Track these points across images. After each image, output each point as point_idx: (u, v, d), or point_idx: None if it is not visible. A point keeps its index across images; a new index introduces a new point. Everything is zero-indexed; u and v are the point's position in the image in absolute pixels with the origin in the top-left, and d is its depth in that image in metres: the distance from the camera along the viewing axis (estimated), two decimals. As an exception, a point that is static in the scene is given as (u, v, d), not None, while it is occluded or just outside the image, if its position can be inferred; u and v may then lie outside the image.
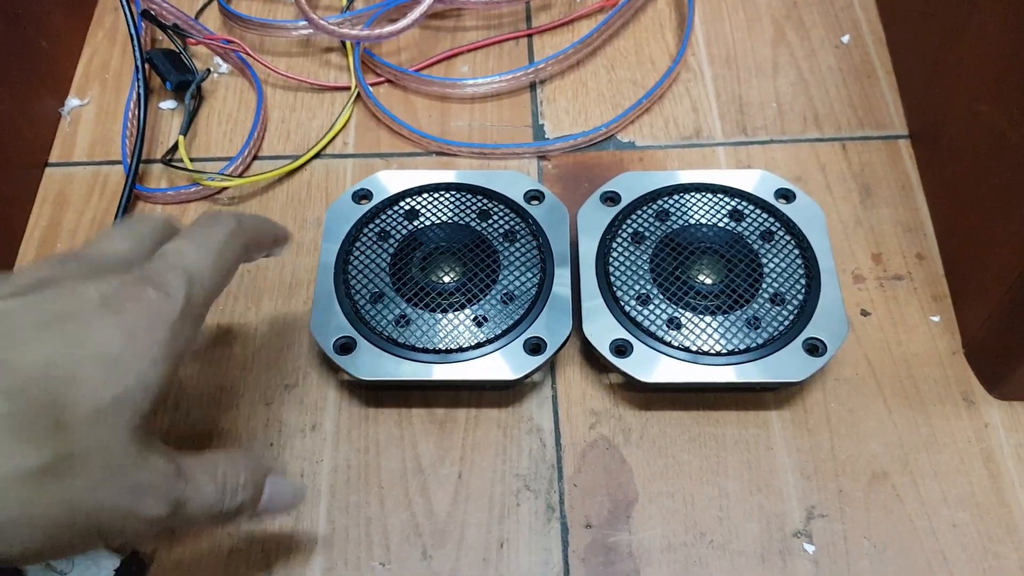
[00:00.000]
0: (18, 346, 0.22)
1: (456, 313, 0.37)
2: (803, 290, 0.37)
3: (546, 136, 0.46)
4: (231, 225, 0.29)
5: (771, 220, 0.39)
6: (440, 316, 0.37)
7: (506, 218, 0.40)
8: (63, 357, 0.22)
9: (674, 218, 0.39)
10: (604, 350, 0.36)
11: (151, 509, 0.24)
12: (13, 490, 0.21)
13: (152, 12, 0.49)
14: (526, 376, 0.35)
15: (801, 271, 0.37)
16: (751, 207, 0.39)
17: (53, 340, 0.22)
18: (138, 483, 0.23)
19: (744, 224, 0.39)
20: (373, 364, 0.35)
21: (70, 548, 0.23)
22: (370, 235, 0.39)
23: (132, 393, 0.23)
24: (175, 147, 0.45)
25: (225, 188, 0.44)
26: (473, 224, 0.40)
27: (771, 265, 0.38)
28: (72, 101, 0.49)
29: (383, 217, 0.40)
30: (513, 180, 0.41)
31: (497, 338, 0.36)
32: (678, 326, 0.36)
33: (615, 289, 0.37)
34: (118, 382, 0.23)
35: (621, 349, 0.36)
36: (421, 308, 0.37)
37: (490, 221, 0.40)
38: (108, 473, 0.23)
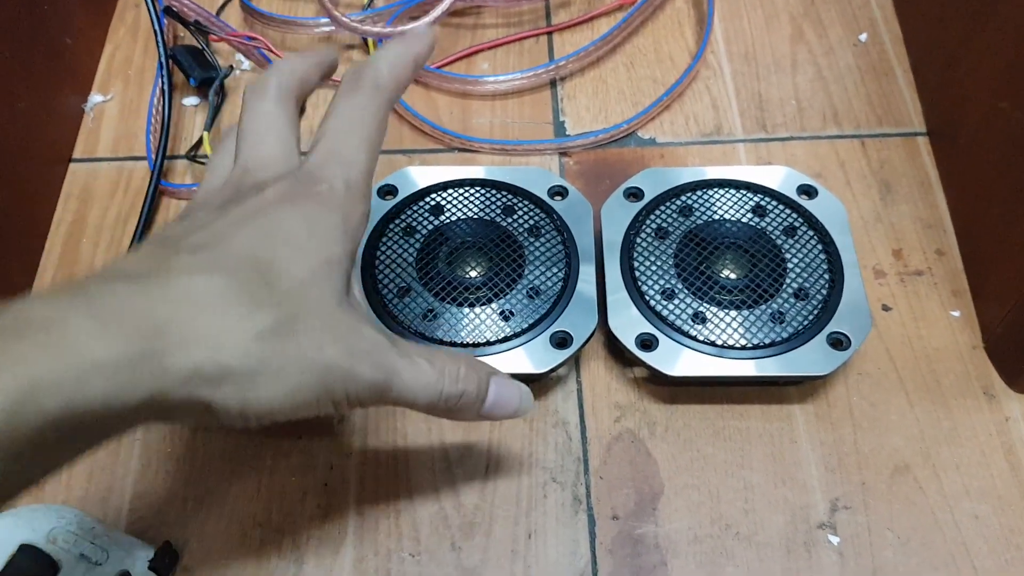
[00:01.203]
0: (222, 242, 0.25)
1: (483, 308, 0.37)
2: (826, 285, 0.37)
3: (567, 133, 0.47)
4: (369, 87, 0.29)
5: (794, 216, 0.39)
6: (467, 310, 0.37)
7: (531, 214, 0.40)
8: (261, 244, 0.25)
9: (697, 214, 0.40)
10: (629, 344, 0.36)
11: (368, 373, 0.26)
12: (252, 346, 0.23)
13: (174, 8, 0.50)
14: (552, 370, 0.36)
15: (824, 266, 0.38)
16: (774, 203, 0.40)
17: (250, 233, 0.26)
18: (353, 347, 0.26)
19: (767, 220, 0.39)
20: (402, 358, 0.36)
21: (304, 406, 0.25)
22: (396, 230, 0.40)
23: (324, 267, 0.26)
24: (199, 143, 0.46)
25: (249, 184, 0.45)
26: (498, 219, 0.40)
27: (794, 260, 0.38)
28: (95, 97, 0.49)
29: (409, 212, 0.40)
30: (537, 176, 0.41)
31: (523, 332, 0.37)
32: (703, 320, 0.37)
33: (640, 284, 0.38)
34: (311, 259, 0.26)
35: (646, 343, 0.36)
36: (448, 302, 0.37)
37: (515, 216, 0.40)
38: (327, 334, 0.25)
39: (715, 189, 0.40)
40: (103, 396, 0.21)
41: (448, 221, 0.40)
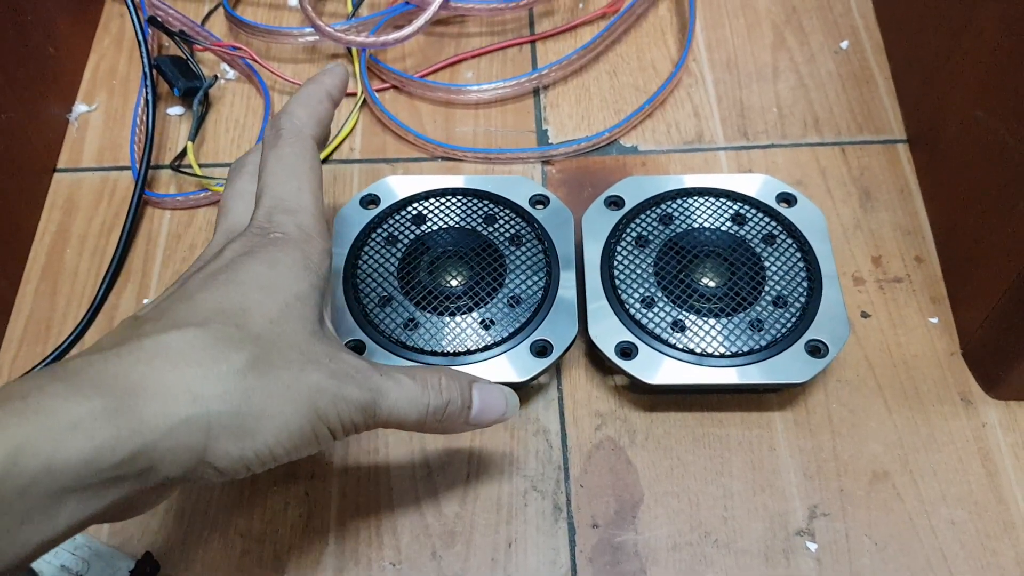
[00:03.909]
0: (188, 301, 0.26)
1: (463, 316, 0.37)
2: (805, 293, 0.38)
3: (549, 141, 0.47)
4: (291, 136, 0.31)
5: (773, 224, 0.40)
6: (448, 319, 0.37)
7: (512, 222, 0.40)
8: (229, 296, 0.26)
9: (677, 222, 0.40)
10: (609, 352, 0.36)
11: (356, 393, 0.27)
12: (232, 385, 0.24)
13: (158, 18, 0.50)
14: (533, 379, 0.36)
15: (803, 274, 0.38)
16: (753, 211, 0.40)
17: (214, 288, 0.27)
18: (336, 371, 0.27)
19: (746, 228, 0.40)
20: (382, 367, 0.36)
21: (301, 437, 0.26)
22: (378, 240, 0.40)
23: (294, 303, 0.27)
24: (183, 153, 0.46)
25: (233, 193, 0.45)
26: (479, 228, 0.40)
27: (773, 268, 0.38)
28: (80, 107, 0.49)
29: (391, 222, 0.41)
30: (518, 185, 0.41)
31: (504, 341, 0.37)
32: (682, 328, 0.37)
33: (620, 292, 0.38)
34: (278, 297, 0.27)
35: (626, 351, 0.36)
36: (429, 312, 0.38)
37: (496, 225, 0.40)
38: (307, 362, 0.26)
39: (695, 197, 0.41)
40: (81, 454, 0.21)
41: (430, 230, 0.40)
